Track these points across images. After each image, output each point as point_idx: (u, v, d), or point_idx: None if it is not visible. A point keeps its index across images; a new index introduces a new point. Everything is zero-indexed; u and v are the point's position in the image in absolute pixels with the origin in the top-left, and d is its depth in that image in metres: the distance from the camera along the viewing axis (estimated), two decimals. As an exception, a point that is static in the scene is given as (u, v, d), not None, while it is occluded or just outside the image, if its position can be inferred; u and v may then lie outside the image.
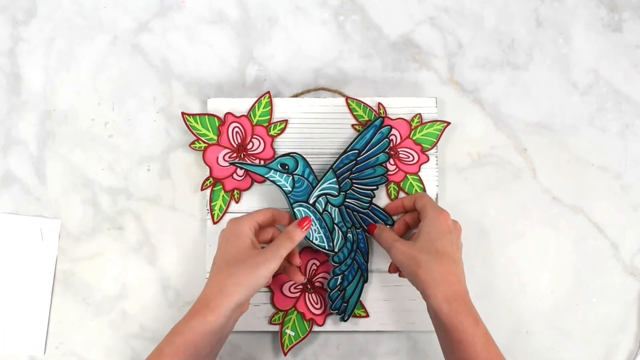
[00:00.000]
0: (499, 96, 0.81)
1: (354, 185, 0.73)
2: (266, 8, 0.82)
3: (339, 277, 0.74)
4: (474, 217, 0.80)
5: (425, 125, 0.78)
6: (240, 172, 0.77)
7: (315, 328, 0.76)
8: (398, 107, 0.78)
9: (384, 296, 0.77)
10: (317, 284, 0.77)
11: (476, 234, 0.79)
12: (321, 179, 0.72)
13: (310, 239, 0.72)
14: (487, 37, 0.82)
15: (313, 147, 0.78)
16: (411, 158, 0.78)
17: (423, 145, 0.78)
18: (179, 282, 0.79)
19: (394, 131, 0.78)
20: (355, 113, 0.78)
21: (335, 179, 0.72)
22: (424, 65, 0.82)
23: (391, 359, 0.79)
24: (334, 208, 0.72)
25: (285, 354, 0.76)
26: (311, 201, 0.71)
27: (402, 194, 0.77)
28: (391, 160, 0.78)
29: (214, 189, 0.77)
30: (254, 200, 0.77)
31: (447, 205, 0.79)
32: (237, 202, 0.77)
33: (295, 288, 0.77)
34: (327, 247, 0.72)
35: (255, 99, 0.77)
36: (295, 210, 0.71)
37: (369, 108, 0.78)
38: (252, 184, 0.77)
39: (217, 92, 0.81)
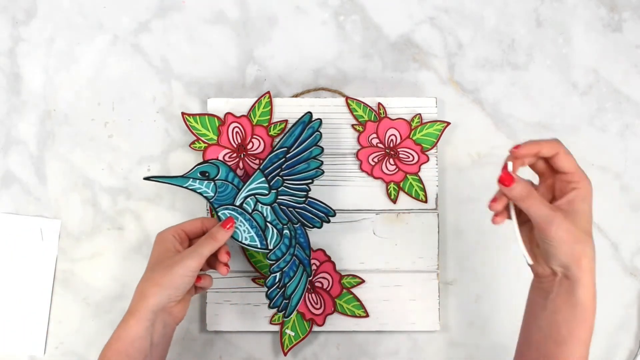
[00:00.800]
0: (499, 96, 0.81)
1: (286, 182, 0.73)
2: (266, 8, 0.82)
3: (277, 274, 0.72)
4: (474, 217, 0.80)
5: (425, 125, 0.78)
6: (240, 172, 0.77)
7: (315, 328, 0.76)
8: (398, 107, 0.78)
9: (384, 296, 0.77)
10: (317, 284, 0.77)
11: (476, 234, 0.79)
12: (247, 181, 0.72)
13: (240, 239, 0.71)
14: (487, 37, 0.82)
15: (313, 147, 0.78)
16: (411, 158, 0.78)
17: (423, 145, 0.78)
18: (179, 282, 0.79)
19: (394, 131, 0.78)
20: (355, 113, 0.78)
21: (263, 179, 0.72)
22: (424, 65, 0.82)
23: (391, 359, 0.79)
24: (265, 207, 0.72)
25: (285, 354, 0.76)
26: (237, 203, 0.71)
27: (402, 194, 0.77)
28: (391, 160, 0.78)
29: (214, 189, 0.77)
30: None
31: (447, 205, 0.79)
32: (237, 202, 0.77)
33: (295, 288, 0.77)
34: (259, 246, 0.71)
35: (255, 99, 0.78)
36: (219, 213, 0.70)
37: (369, 108, 0.78)
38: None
39: (217, 92, 0.81)
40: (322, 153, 0.74)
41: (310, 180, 0.74)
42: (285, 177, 0.73)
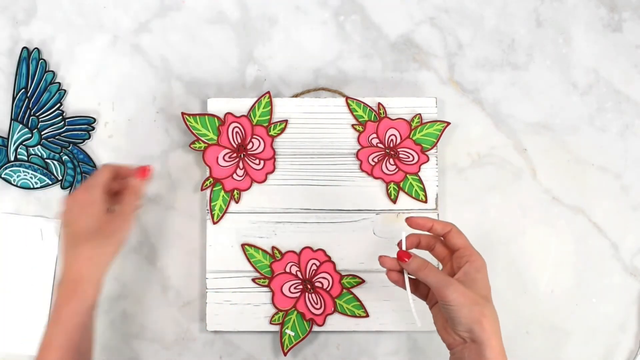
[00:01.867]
0: (499, 96, 0.81)
1: (40, 117, 0.77)
2: (266, 8, 0.82)
3: None
4: (474, 217, 0.80)
5: (425, 125, 0.78)
6: (240, 172, 0.77)
7: (315, 328, 0.76)
8: (398, 107, 0.78)
9: (384, 296, 0.77)
10: (317, 284, 0.77)
11: (476, 234, 0.79)
12: (8, 135, 0.77)
13: (32, 187, 0.77)
14: (487, 37, 0.82)
15: (313, 147, 0.78)
16: (411, 158, 0.78)
17: (423, 145, 0.78)
18: (179, 282, 0.79)
19: (394, 131, 0.78)
20: (355, 113, 0.78)
21: (21, 126, 0.76)
22: (424, 65, 0.82)
23: (391, 359, 0.79)
24: (36, 147, 0.77)
25: (285, 354, 0.76)
26: (12, 158, 0.76)
27: (402, 194, 0.77)
28: (391, 160, 0.78)
29: (214, 189, 0.77)
30: (254, 200, 0.77)
31: (447, 205, 0.79)
32: (237, 202, 0.77)
33: (295, 288, 0.77)
34: (50, 182, 0.77)
35: (255, 99, 0.77)
36: (3, 176, 0.77)
37: (369, 108, 0.78)
38: (252, 184, 0.77)
39: (217, 92, 0.81)
40: (56, 76, 0.78)
41: (59, 104, 0.78)
42: (38, 115, 0.77)
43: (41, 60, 0.79)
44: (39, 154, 0.78)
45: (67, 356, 0.62)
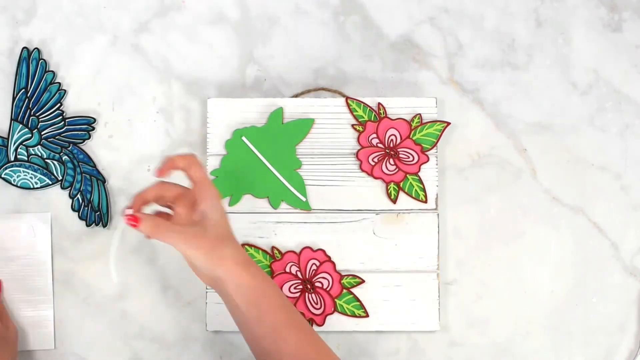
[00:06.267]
0: (499, 96, 0.81)
1: (40, 117, 0.77)
2: (266, 8, 0.82)
3: (78, 196, 0.78)
4: (474, 217, 0.80)
5: (425, 126, 0.78)
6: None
7: (315, 328, 0.76)
8: (398, 107, 0.78)
9: (384, 296, 0.77)
10: (317, 284, 0.77)
11: (476, 234, 0.79)
12: (8, 135, 0.77)
13: (32, 187, 0.77)
14: (487, 37, 0.82)
15: (313, 147, 0.78)
16: (411, 158, 0.78)
17: (423, 145, 0.78)
18: (179, 282, 0.79)
19: (394, 131, 0.78)
20: (355, 113, 0.78)
21: (20, 125, 0.76)
22: (424, 65, 0.82)
23: (391, 359, 0.79)
24: (36, 147, 0.77)
25: (285, 354, 0.76)
26: (12, 158, 0.77)
27: (402, 194, 0.77)
28: (391, 160, 0.78)
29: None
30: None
31: (447, 205, 0.79)
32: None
33: (295, 288, 0.77)
34: (50, 182, 0.77)
35: (256, 99, 0.77)
36: (3, 176, 0.77)
37: (369, 108, 0.78)
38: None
39: (217, 92, 0.81)
40: (56, 76, 0.78)
41: (59, 104, 0.78)
42: (38, 115, 0.77)
43: (41, 60, 0.79)
44: (39, 154, 0.77)
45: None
